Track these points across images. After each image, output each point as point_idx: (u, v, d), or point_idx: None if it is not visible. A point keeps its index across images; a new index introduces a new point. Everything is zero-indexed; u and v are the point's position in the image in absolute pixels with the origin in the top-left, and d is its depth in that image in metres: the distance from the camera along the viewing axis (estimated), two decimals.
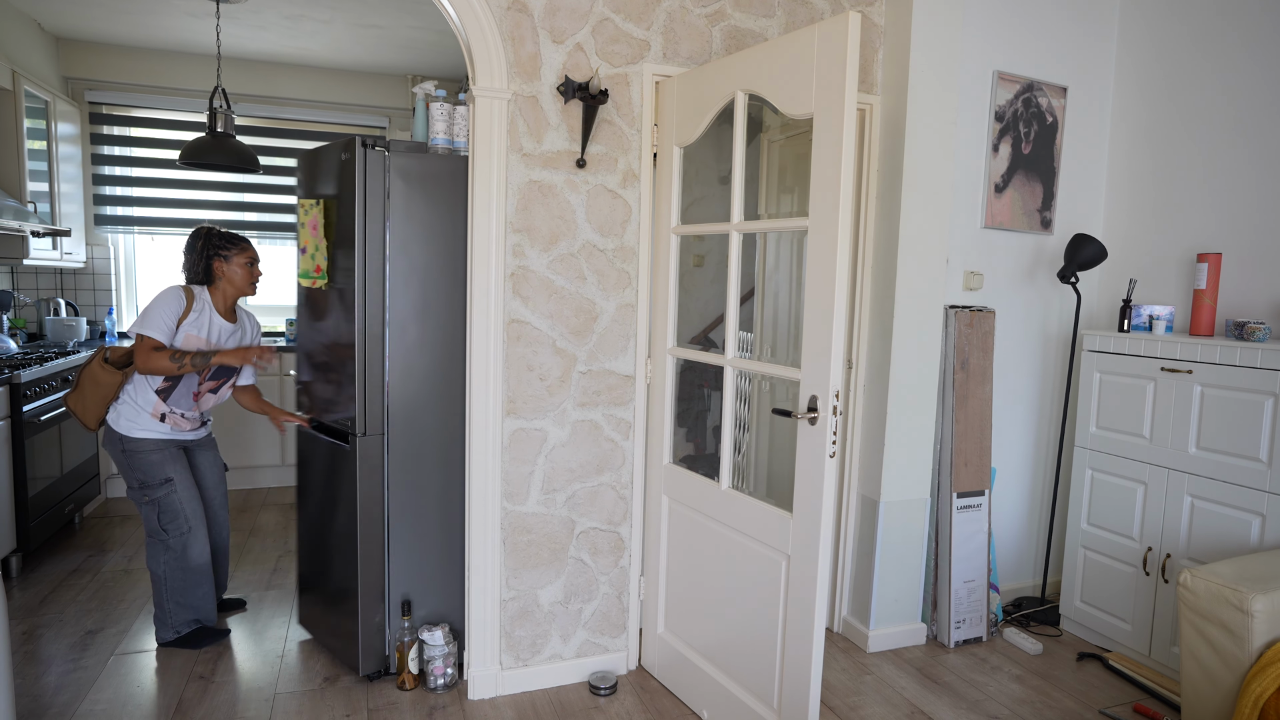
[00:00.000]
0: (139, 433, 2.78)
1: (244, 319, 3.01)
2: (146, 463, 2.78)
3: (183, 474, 2.84)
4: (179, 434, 2.89)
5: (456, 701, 2.61)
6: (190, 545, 2.82)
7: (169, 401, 2.81)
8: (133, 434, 2.77)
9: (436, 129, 2.61)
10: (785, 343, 3.59)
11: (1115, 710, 2.69)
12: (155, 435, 2.81)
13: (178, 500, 2.80)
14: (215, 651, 2.89)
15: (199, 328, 2.80)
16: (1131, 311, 3.08)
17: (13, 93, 3.95)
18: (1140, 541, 2.96)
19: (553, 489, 2.67)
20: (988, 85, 3.19)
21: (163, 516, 2.80)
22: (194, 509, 2.84)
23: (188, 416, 2.88)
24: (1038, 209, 3.35)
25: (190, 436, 2.94)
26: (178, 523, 2.80)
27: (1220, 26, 3.04)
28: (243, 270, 2.84)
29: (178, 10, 4.20)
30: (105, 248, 5.02)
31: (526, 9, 2.47)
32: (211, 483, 3.05)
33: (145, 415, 2.78)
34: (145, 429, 2.79)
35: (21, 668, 2.73)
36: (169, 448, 2.84)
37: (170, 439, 2.85)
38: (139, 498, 2.81)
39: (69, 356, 4.03)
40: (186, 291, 2.79)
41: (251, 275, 2.88)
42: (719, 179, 3.59)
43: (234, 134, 4.16)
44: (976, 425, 3.12)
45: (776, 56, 2.20)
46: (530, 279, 2.57)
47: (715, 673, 2.52)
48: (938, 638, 3.16)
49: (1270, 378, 2.55)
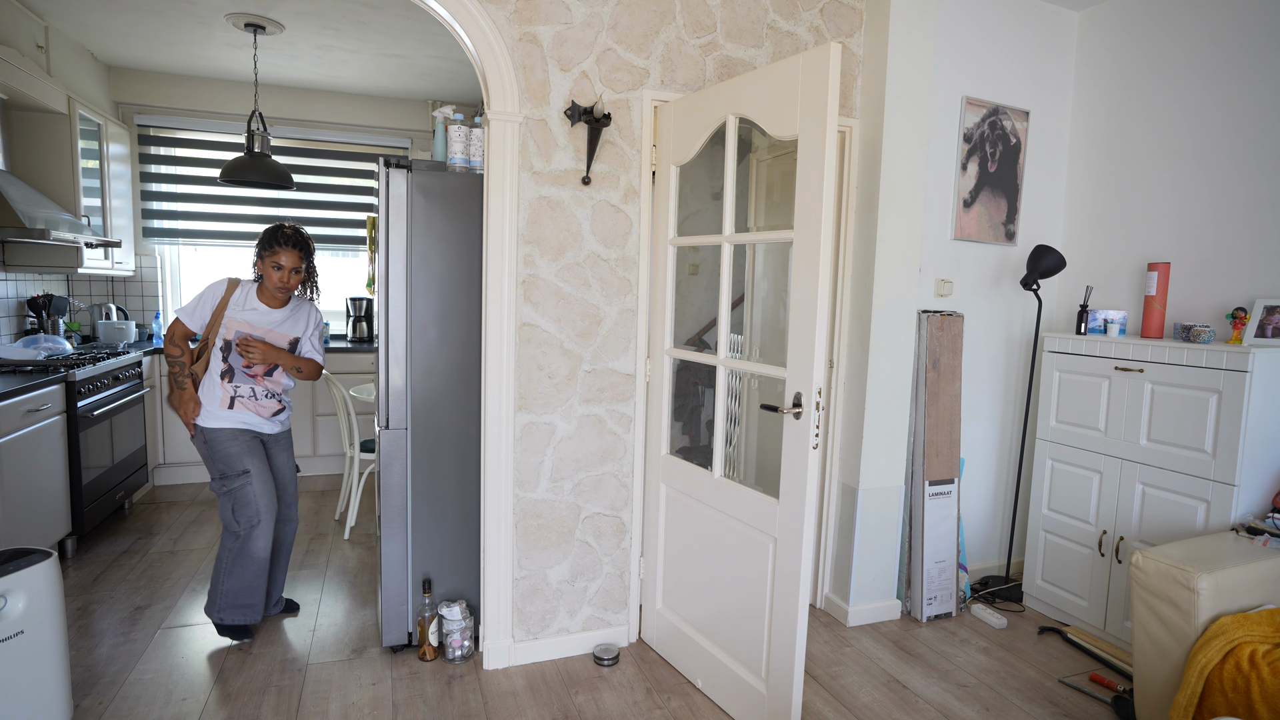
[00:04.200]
0: (214, 422, 2.67)
1: (296, 307, 2.81)
2: (225, 453, 2.65)
3: (259, 468, 2.70)
4: (253, 422, 2.74)
5: (473, 671, 2.61)
6: (256, 536, 2.69)
7: (233, 381, 2.69)
8: (209, 424, 2.67)
9: (454, 149, 2.61)
10: (772, 344, 3.58)
11: (1073, 679, 2.69)
12: (230, 424, 2.68)
13: (252, 492, 2.67)
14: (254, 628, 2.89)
15: (240, 311, 2.69)
16: (1088, 316, 3.08)
17: (68, 116, 3.95)
18: (1096, 525, 2.96)
19: (560, 477, 2.67)
20: (957, 109, 3.19)
21: (236, 507, 2.67)
22: (267, 503, 2.70)
23: (259, 399, 2.73)
24: (1003, 222, 3.34)
25: (266, 428, 2.78)
26: (249, 513, 2.67)
27: (1172, 54, 3.04)
28: (268, 273, 2.68)
29: (219, 41, 4.20)
30: (153, 257, 5.02)
31: (536, 40, 2.47)
32: (286, 478, 2.89)
33: (216, 403, 2.67)
34: (219, 418, 2.68)
35: (76, 640, 2.74)
36: (244, 438, 2.70)
37: (245, 428, 2.71)
38: (219, 489, 2.67)
39: (119, 357, 4.03)
40: (232, 281, 2.71)
41: (277, 279, 2.67)
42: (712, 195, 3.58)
43: (269, 154, 4.17)
44: (947, 419, 3.12)
45: (764, 83, 2.20)
46: (540, 286, 2.57)
47: (708, 645, 2.52)
48: (911, 613, 3.16)
49: (1214, 376, 2.55)
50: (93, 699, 2.37)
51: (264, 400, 2.76)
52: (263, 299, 2.72)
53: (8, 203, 3.28)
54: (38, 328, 4.13)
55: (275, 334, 2.74)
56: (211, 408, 2.68)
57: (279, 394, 2.82)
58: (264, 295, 2.71)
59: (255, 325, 2.70)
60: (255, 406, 2.73)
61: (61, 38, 4.11)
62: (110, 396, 3.87)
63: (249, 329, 2.69)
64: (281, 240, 2.64)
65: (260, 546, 2.70)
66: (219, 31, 4.03)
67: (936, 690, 2.58)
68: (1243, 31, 2.81)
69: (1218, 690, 2.00)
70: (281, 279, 2.66)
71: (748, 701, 2.31)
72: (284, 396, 2.85)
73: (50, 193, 3.94)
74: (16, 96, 3.63)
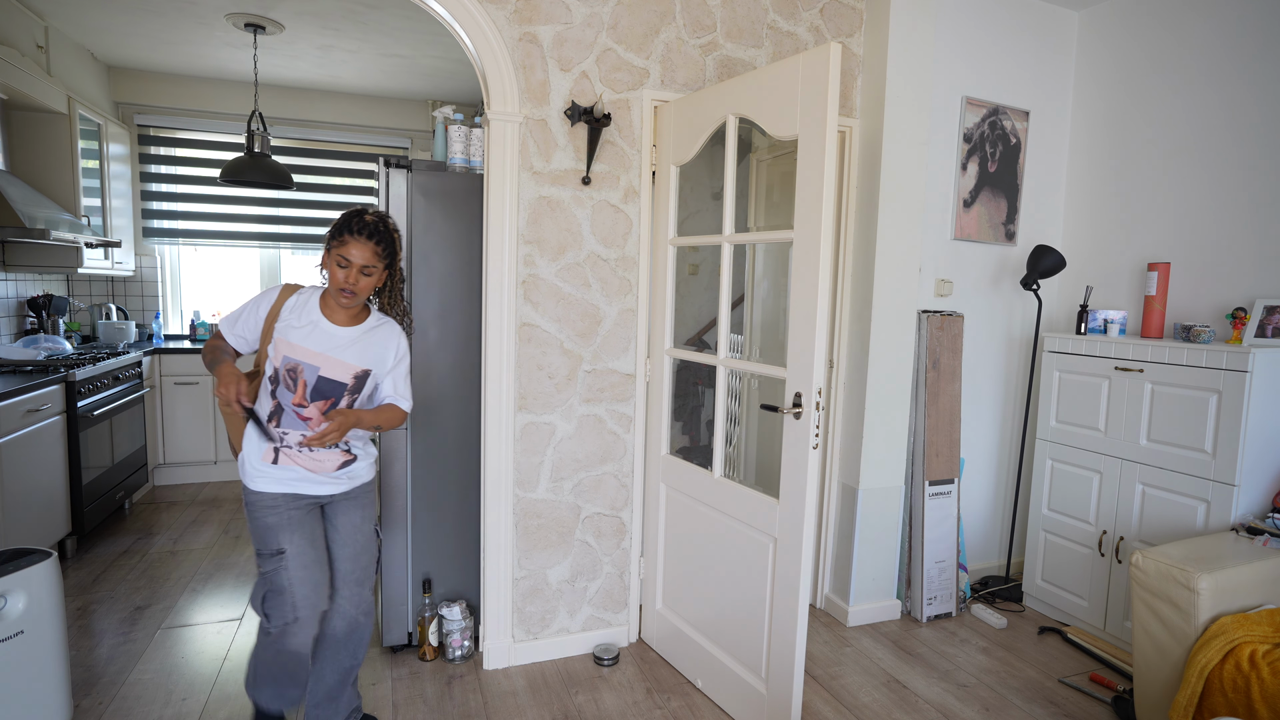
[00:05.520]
0: (254, 483, 1.93)
1: (374, 328, 2.00)
2: (260, 525, 1.91)
3: (301, 545, 1.92)
4: (304, 482, 1.94)
5: (473, 671, 2.61)
6: (291, 634, 1.92)
7: (282, 423, 1.91)
8: (249, 483, 1.93)
9: (454, 149, 2.61)
10: (772, 344, 3.58)
11: (1073, 679, 2.68)
12: (271, 488, 1.92)
13: (286, 579, 1.90)
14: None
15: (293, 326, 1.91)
16: (1088, 315, 3.08)
17: (68, 116, 3.94)
18: (1096, 525, 2.95)
19: (560, 477, 2.67)
20: (957, 109, 3.18)
21: (267, 596, 1.92)
22: (305, 594, 1.91)
23: (310, 452, 1.94)
24: (1002, 222, 3.34)
25: (325, 487, 1.97)
26: (281, 608, 1.90)
27: (1172, 54, 3.04)
28: (332, 270, 1.89)
29: (219, 41, 4.20)
30: (153, 257, 5.02)
31: (536, 40, 2.47)
32: (348, 554, 2.05)
33: (258, 456, 1.92)
34: (261, 477, 1.92)
35: (77, 640, 2.73)
36: (288, 506, 1.92)
37: (293, 492, 1.93)
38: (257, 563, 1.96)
39: (119, 357, 4.03)
40: (288, 287, 1.98)
41: (341, 278, 1.87)
42: (712, 195, 3.58)
43: (269, 154, 4.16)
44: (946, 419, 3.12)
45: (764, 83, 2.19)
46: (540, 286, 2.56)
47: (708, 645, 2.51)
48: (911, 613, 3.16)
49: (1214, 376, 2.55)
50: (93, 699, 2.37)
51: (323, 453, 1.96)
52: (325, 310, 1.95)
53: (8, 203, 3.27)
54: (38, 328, 4.13)
55: (333, 360, 1.92)
56: (252, 461, 1.93)
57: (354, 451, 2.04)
58: (327, 305, 1.96)
59: (311, 347, 1.90)
60: (309, 461, 1.94)
61: (61, 38, 4.11)
62: (110, 396, 3.87)
63: (302, 353, 1.89)
64: (355, 228, 1.87)
65: (299, 643, 1.93)
66: (219, 31, 4.03)
67: (936, 690, 2.58)
68: (1243, 31, 2.81)
69: (1218, 690, 2.00)
70: (347, 279, 1.87)
71: (748, 701, 2.31)
72: (356, 444, 2.04)
73: (50, 193, 3.94)
74: (16, 96, 3.62)
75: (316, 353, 1.91)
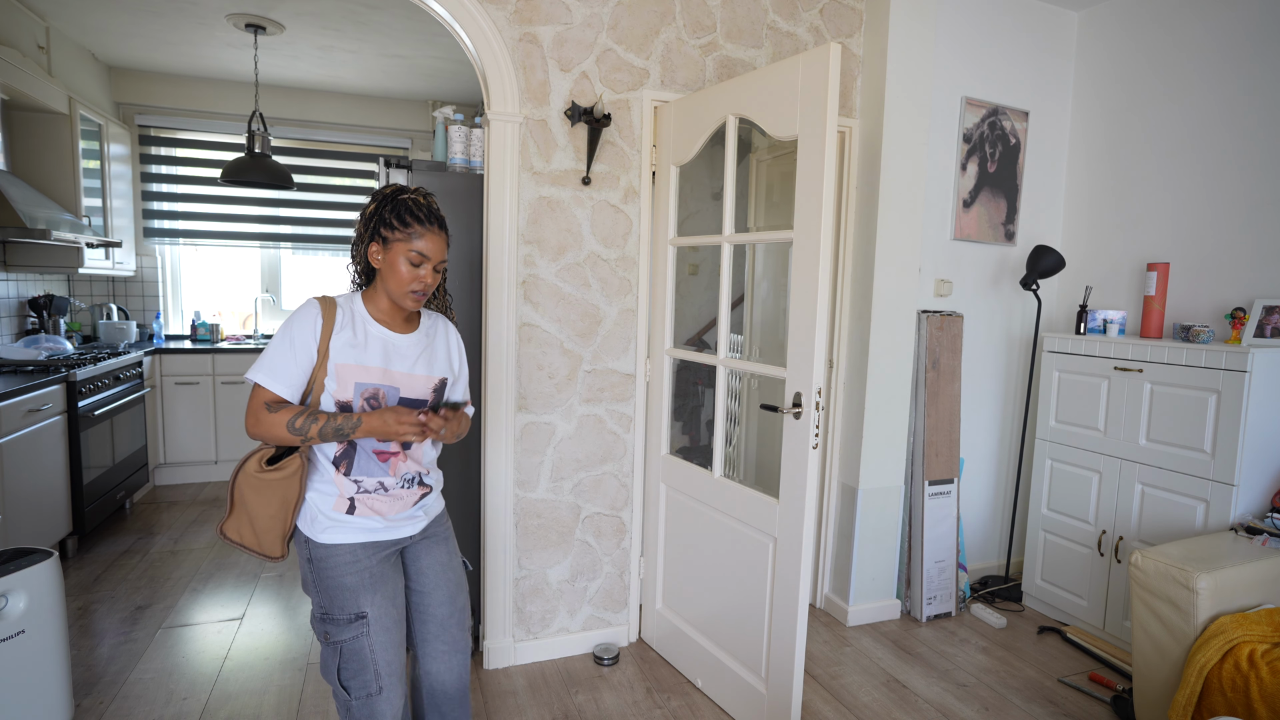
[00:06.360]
0: (325, 535, 1.59)
1: (430, 328, 1.71)
2: (333, 586, 1.58)
3: (384, 606, 1.61)
4: (383, 528, 1.63)
5: (473, 671, 2.61)
6: (377, 708, 1.59)
7: (353, 473, 1.59)
8: (317, 537, 1.59)
9: (455, 149, 2.61)
10: (772, 344, 3.58)
11: (1073, 679, 2.69)
12: (348, 539, 1.59)
13: (367, 647, 1.58)
14: (254, 625, 2.89)
15: (353, 350, 1.57)
16: (1087, 315, 3.08)
17: (69, 117, 3.95)
18: (1095, 525, 2.96)
19: (561, 477, 2.67)
20: (957, 110, 3.18)
21: (344, 668, 1.58)
22: (388, 659, 1.60)
23: (391, 490, 1.63)
24: (1002, 222, 3.34)
25: (405, 529, 1.67)
26: (363, 679, 1.58)
27: (1171, 55, 3.04)
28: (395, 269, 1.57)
29: (219, 42, 4.20)
30: (153, 257, 5.02)
31: (536, 40, 2.47)
32: (442, 597, 1.73)
33: (329, 505, 1.59)
34: (333, 529, 1.59)
35: (77, 640, 2.74)
36: (369, 560, 1.61)
37: (372, 541, 1.62)
38: (319, 630, 1.61)
39: (120, 357, 4.03)
40: (324, 305, 1.58)
41: (410, 279, 1.57)
42: (712, 195, 3.58)
43: (270, 154, 4.17)
44: (946, 419, 3.12)
45: (764, 84, 2.20)
46: (540, 286, 2.57)
47: (708, 644, 2.52)
48: (911, 613, 3.16)
49: (1213, 376, 2.55)
50: (93, 699, 2.37)
51: (401, 490, 1.65)
52: (378, 317, 1.63)
53: (9, 203, 3.28)
54: (39, 328, 4.13)
55: (410, 377, 1.63)
56: (323, 510, 1.59)
57: (420, 473, 1.70)
58: (378, 309, 1.63)
59: (385, 366, 1.60)
60: (387, 504, 1.63)
61: (62, 38, 4.11)
62: (111, 396, 3.87)
63: (378, 375, 1.59)
64: (423, 215, 1.57)
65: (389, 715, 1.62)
66: (219, 32, 4.03)
67: (936, 690, 2.58)
68: (1242, 32, 2.81)
69: (1217, 690, 2.00)
70: (422, 281, 1.58)
71: (748, 701, 2.31)
72: (428, 475, 1.73)
73: (51, 193, 3.94)
74: (17, 97, 3.63)
75: (392, 372, 1.60)
